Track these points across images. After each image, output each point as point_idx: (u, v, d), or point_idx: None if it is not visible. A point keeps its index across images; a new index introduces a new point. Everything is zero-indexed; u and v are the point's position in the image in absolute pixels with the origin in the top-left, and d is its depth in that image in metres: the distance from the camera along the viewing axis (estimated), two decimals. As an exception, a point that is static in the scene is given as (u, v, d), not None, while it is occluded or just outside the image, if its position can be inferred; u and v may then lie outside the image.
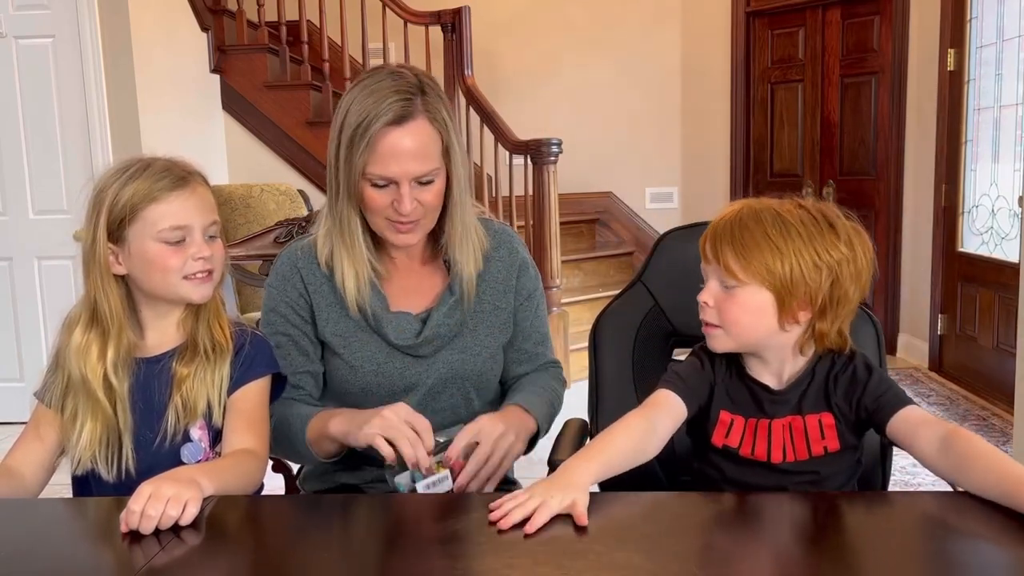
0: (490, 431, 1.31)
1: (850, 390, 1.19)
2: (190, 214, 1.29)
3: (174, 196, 1.29)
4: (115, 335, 1.30)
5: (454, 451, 1.27)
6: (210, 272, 1.31)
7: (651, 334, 1.23)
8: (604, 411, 1.48)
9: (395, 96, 1.31)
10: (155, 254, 1.28)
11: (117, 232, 1.29)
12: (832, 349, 1.21)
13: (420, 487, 1.25)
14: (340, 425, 1.33)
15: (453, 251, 1.43)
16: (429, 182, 1.35)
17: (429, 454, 1.25)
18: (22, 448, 1.33)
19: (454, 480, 1.27)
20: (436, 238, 1.45)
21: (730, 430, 1.22)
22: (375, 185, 1.34)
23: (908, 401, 1.17)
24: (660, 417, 1.19)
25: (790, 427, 1.20)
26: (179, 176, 1.30)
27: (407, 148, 1.32)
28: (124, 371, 1.30)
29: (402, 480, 1.25)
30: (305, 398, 1.44)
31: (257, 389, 1.34)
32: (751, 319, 1.17)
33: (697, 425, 1.25)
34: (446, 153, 1.37)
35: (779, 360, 1.21)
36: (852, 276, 1.17)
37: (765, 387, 1.22)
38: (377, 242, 1.43)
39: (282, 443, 1.41)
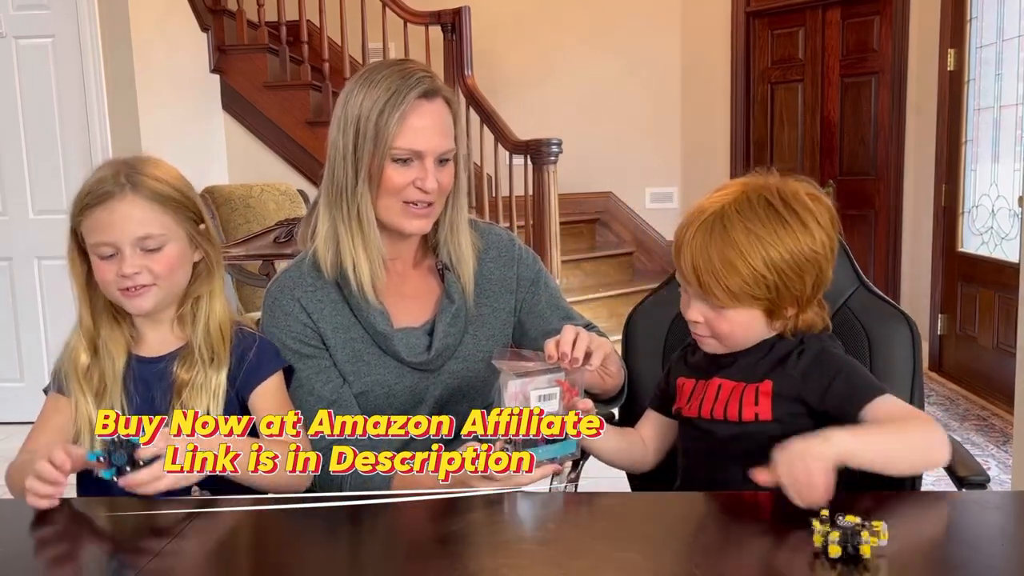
0: (570, 333, 1.22)
1: (818, 378, 1.17)
2: (114, 230, 1.23)
3: (99, 210, 1.23)
4: (89, 341, 1.28)
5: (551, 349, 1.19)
6: (147, 285, 1.25)
7: (685, 332, 1.27)
8: (635, 412, 1.46)
9: (420, 74, 1.32)
10: (95, 266, 1.26)
11: (79, 237, 1.28)
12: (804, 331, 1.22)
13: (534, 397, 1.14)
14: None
15: (451, 247, 1.42)
16: (447, 162, 1.36)
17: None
18: (41, 434, 1.29)
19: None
20: (425, 237, 1.44)
21: (684, 393, 1.26)
22: (398, 160, 1.32)
23: (880, 391, 1.15)
24: (641, 429, 1.36)
25: (731, 389, 1.21)
26: (106, 191, 1.24)
27: (435, 122, 1.33)
28: (113, 376, 1.28)
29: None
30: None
31: (272, 386, 1.32)
32: (743, 330, 1.21)
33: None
34: (455, 142, 1.37)
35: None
36: (828, 260, 1.19)
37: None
38: None
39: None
